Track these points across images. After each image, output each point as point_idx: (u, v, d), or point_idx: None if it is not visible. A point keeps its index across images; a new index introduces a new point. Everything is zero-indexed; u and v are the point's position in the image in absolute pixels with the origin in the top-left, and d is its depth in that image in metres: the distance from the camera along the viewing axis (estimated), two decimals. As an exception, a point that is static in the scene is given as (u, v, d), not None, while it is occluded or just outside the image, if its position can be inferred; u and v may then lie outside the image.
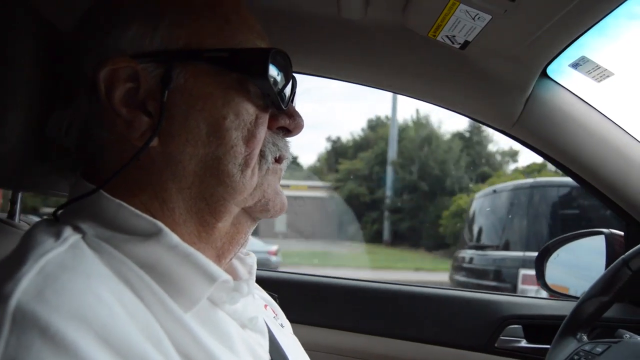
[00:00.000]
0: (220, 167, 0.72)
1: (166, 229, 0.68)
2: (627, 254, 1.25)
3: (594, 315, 1.27)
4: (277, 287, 1.10)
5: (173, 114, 0.71)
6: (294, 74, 0.82)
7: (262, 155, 0.76)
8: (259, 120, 0.74)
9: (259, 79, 0.73)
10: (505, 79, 1.36)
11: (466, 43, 1.22)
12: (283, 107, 0.77)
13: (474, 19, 1.11)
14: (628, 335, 1.24)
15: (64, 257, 0.61)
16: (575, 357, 1.19)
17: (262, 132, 0.75)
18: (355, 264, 16.09)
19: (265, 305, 0.99)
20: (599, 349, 1.16)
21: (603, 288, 1.25)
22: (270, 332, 0.84)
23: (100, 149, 0.74)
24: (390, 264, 17.71)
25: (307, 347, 1.01)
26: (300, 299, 1.80)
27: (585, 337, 1.26)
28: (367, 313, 1.81)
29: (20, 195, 1.10)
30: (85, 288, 0.57)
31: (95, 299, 0.57)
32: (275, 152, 0.78)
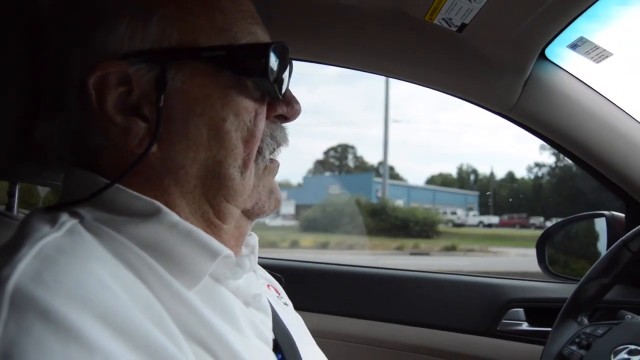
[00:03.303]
0: (222, 170, 0.71)
1: (165, 208, 0.67)
2: (626, 235, 1.24)
3: (594, 297, 1.27)
4: (279, 274, 1.10)
5: (171, 119, 0.68)
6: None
7: (259, 152, 0.74)
8: (259, 116, 0.73)
9: (258, 77, 0.71)
10: (503, 61, 1.35)
11: (463, 26, 1.21)
12: (280, 97, 0.75)
13: (470, 0, 1.10)
14: (630, 316, 1.24)
15: (61, 241, 0.60)
16: (577, 340, 1.19)
17: (262, 126, 0.73)
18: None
19: (268, 285, 0.98)
20: (600, 331, 1.16)
21: (603, 270, 1.25)
22: (273, 310, 0.83)
23: (96, 156, 0.72)
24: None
25: (311, 334, 1.00)
26: (302, 286, 1.80)
27: (585, 320, 1.26)
28: (369, 299, 1.81)
29: (17, 187, 1.10)
30: (84, 270, 0.57)
31: (94, 281, 0.56)
32: (272, 145, 0.77)
